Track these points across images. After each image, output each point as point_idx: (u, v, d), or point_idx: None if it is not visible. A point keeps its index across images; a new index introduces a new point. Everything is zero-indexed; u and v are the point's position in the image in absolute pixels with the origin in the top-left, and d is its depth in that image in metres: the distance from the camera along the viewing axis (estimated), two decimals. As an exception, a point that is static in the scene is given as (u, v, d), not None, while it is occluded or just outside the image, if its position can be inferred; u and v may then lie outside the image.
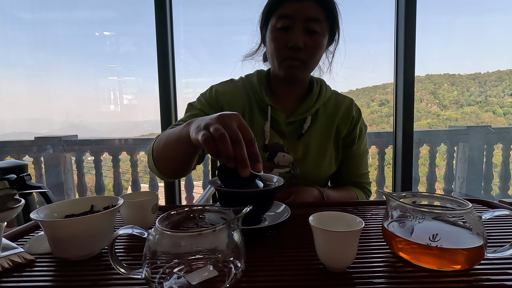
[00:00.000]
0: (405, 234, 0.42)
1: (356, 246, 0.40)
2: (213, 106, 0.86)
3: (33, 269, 0.44)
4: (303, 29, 0.75)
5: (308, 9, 0.74)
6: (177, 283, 0.36)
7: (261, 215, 0.54)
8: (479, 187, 2.87)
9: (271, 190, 0.50)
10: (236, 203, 0.43)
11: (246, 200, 0.47)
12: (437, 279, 0.38)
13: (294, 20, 0.74)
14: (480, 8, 4.93)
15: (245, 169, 0.43)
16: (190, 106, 0.88)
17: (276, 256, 0.46)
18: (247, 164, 0.43)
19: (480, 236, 0.39)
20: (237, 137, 0.43)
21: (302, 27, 0.74)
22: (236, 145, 0.43)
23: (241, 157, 0.43)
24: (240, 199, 0.47)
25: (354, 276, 0.40)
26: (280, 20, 0.75)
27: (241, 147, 0.43)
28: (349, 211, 0.64)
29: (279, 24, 0.75)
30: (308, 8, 0.74)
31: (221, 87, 0.90)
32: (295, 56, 0.76)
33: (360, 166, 0.93)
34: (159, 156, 0.69)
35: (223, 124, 0.45)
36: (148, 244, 0.36)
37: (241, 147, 0.43)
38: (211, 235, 0.36)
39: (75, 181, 2.82)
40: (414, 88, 1.80)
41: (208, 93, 0.89)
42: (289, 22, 0.74)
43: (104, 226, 0.47)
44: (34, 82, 3.91)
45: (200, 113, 0.83)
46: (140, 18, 4.26)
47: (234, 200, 0.48)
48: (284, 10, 0.75)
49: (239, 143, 0.43)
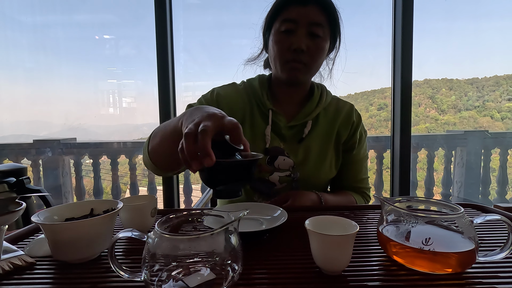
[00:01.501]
0: (399, 238, 0.43)
1: (351, 250, 0.41)
2: None
3: (34, 272, 0.44)
4: (306, 32, 0.76)
5: (312, 14, 0.76)
6: (175, 286, 0.37)
7: (239, 187, 0.50)
8: (477, 192, 2.89)
9: (248, 162, 0.47)
10: (214, 174, 0.45)
11: (224, 171, 0.45)
12: (430, 282, 0.39)
13: (297, 24, 0.76)
14: (477, 13, 4.99)
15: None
16: (190, 107, 0.89)
17: (272, 259, 0.47)
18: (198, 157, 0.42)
19: (472, 240, 0.40)
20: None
21: (305, 31, 0.76)
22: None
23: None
24: (217, 171, 0.45)
25: (349, 279, 0.41)
26: (284, 24, 0.77)
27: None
28: (345, 215, 0.65)
29: (282, 27, 0.77)
30: (311, 13, 0.76)
31: (223, 90, 0.90)
32: (298, 58, 0.77)
33: (360, 171, 0.94)
34: (155, 149, 0.67)
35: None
36: (147, 247, 0.37)
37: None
38: (209, 239, 0.36)
39: (73, 184, 2.82)
40: (411, 92, 1.82)
41: (209, 95, 0.89)
42: (293, 25, 0.76)
43: (104, 229, 0.47)
44: (34, 84, 3.92)
45: None
46: (140, 21, 4.28)
47: (211, 171, 0.46)
48: (288, 14, 0.77)
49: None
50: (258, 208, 0.66)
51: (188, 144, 0.42)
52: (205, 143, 0.41)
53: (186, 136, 0.42)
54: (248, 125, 0.87)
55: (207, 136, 0.41)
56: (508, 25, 4.05)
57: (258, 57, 0.93)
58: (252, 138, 0.86)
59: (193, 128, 0.43)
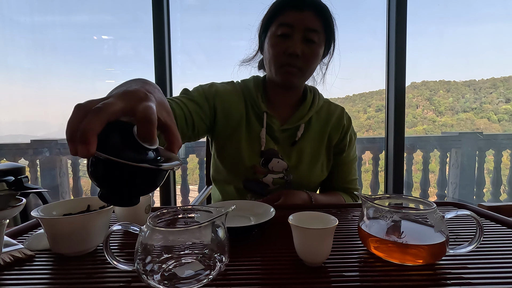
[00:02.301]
0: (376, 232, 0.46)
1: (330, 243, 0.44)
2: (208, 101, 0.85)
3: (33, 264, 0.47)
4: (302, 38, 0.78)
5: (308, 20, 0.78)
6: (166, 275, 0.40)
7: (127, 195, 0.36)
8: (472, 193, 2.93)
9: (136, 167, 0.32)
10: (96, 169, 0.33)
11: (108, 169, 0.33)
12: (403, 272, 0.42)
13: (293, 29, 0.78)
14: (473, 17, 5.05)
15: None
16: (186, 90, 0.86)
17: (259, 252, 0.49)
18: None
19: (443, 233, 0.43)
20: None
21: (301, 36, 0.78)
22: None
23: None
24: (100, 166, 0.33)
25: (329, 270, 0.43)
26: (280, 28, 0.79)
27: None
28: (332, 213, 0.68)
29: (279, 31, 0.79)
30: (307, 19, 0.78)
31: (222, 87, 0.90)
32: (293, 63, 0.79)
33: (349, 172, 0.96)
34: None
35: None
36: (140, 240, 0.39)
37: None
38: (197, 231, 0.39)
39: (71, 184, 2.84)
40: (405, 94, 1.86)
41: (208, 87, 0.88)
42: (289, 30, 0.78)
43: (100, 224, 0.50)
44: (31, 85, 3.93)
45: (191, 103, 0.81)
46: (138, 23, 4.31)
47: (94, 164, 0.33)
48: (284, 19, 0.79)
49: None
50: (249, 206, 0.69)
51: (72, 120, 0.31)
52: (88, 126, 0.30)
53: (76, 108, 0.32)
54: (244, 127, 0.88)
55: (98, 118, 0.30)
56: (503, 28, 4.11)
57: (253, 58, 0.94)
58: (248, 139, 0.88)
59: (94, 102, 0.33)
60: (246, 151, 0.87)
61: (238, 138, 0.87)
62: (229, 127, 0.88)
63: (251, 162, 0.87)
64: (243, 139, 0.87)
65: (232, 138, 0.88)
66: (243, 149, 0.87)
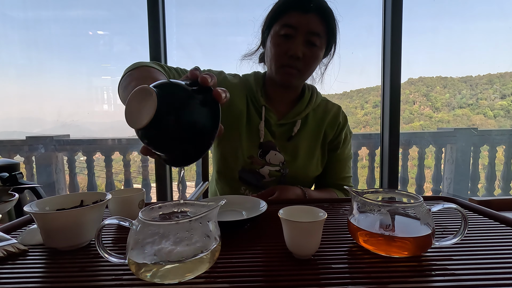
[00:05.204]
0: (364, 225, 0.47)
1: (319, 236, 0.45)
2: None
3: (26, 258, 0.48)
4: (304, 40, 0.79)
5: (311, 23, 0.78)
6: (156, 268, 0.40)
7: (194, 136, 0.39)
8: (466, 188, 2.96)
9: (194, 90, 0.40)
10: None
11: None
12: (389, 263, 0.43)
13: (297, 31, 0.78)
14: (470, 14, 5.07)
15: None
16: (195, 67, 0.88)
17: (250, 245, 0.50)
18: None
19: (429, 226, 0.44)
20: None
21: (303, 39, 0.79)
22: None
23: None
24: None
25: (318, 262, 0.44)
26: (284, 28, 0.79)
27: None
28: (324, 208, 0.69)
29: (282, 31, 0.79)
30: (311, 22, 0.78)
31: (230, 77, 0.94)
32: (293, 64, 0.80)
33: (343, 169, 0.98)
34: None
35: None
36: (131, 233, 0.40)
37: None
38: (187, 225, 0.40)
39: (67, 181, 2.83)
40: (400, 91, 1.87)
41: (218, 73, 0.92)
42: (292, 31, 0.79)
43: (93, 218, 0.51)
44: (26, 81, 3.90)
45: None
46: (133, 18, 4.27)
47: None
48: (288, 20, 0.79)
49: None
50: (242, 201, 0.70)
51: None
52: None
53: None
54: (245, 119, 0.91)
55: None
56: (499, 25, 4.13)
57: (255, 52, 0.95)
58: (248, 131, 0.90)
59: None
60: (245, 141, 0.90)
61: (238, 128, 0.90)
62: (230, 117, 0.89)
63: (250, 153, 0.89)
64: (243, 130, 0.90)
65: (232, 128, 0.90)
66: (243, 139, 0.89)
